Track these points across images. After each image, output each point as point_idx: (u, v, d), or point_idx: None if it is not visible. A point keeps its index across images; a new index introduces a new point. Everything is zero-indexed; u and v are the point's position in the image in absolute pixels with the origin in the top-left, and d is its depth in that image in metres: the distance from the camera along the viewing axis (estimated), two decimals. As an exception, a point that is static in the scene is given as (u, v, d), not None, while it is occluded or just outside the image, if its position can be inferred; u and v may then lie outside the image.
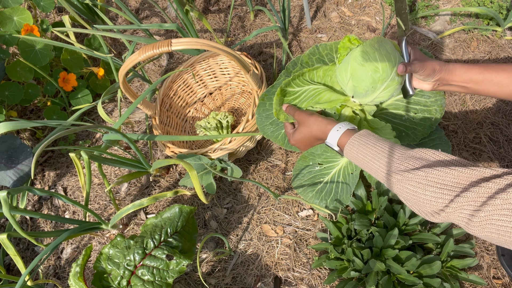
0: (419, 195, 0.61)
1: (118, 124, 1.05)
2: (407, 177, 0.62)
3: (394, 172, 0.65)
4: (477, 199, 0.54)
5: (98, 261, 0.99)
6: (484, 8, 1.35)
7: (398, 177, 0.64)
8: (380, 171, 0.68)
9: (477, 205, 0.54)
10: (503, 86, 0.73)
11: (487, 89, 0.75)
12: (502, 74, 0.72)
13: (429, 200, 0.59)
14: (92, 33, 1.17)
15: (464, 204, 0.55)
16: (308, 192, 1.15)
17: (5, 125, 0.81)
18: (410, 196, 0.62)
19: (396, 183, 0.65)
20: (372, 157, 0.70)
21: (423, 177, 0.60)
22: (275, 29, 1.34)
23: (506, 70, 0.72)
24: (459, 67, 0.77)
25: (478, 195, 0.54)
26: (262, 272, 1.14)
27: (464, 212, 0.55)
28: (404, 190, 0.63)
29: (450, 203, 0.57)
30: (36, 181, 1.41)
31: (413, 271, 0.96)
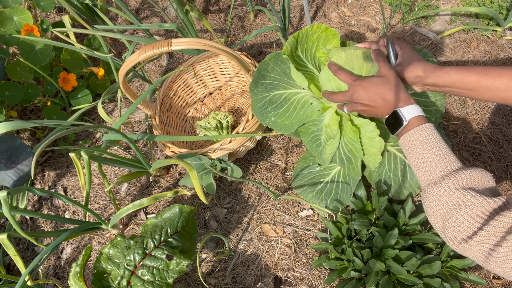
0: (450, 216, 0.60)
1: (118, 124, 1.05)
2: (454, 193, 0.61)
3: (446, 181, 0.63)
4: (498, 234, 0.54)
5: (98, 261, 0.99)
6: (484, 8, 1.35)
7: (446, 188, 0.62)
8: (432, 172, 0.66)
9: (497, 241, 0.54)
10: (499, 92, 0.71)
11: (482, 95, 0.73)
12: (499, 80, 0.70)
13: (458, 225, 0.59)
14: (92, 33, 1.17)
15: (485, 238, 0.55)
16: (308, 192, 1.15)
17: (5, 125, 0.81)
18: (443, 211, 0.62)
19: (438, 193, 0.63)
20: (433, 155, 0.67)
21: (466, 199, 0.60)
22: (275, 29, 1.34)
23: (503, 76, 0.70)
24: (454, 74, 0.74)
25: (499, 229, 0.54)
26: (262, 272, 1.14)
27: (485, 247, 0.55)
28: (439, 203, 0.62)
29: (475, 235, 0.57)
30: (36, 181, 1.41)
31: (413, 271, 0.96)
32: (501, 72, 0.70)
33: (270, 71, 1.09)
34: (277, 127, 1.06)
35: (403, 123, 0.72)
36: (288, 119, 1.05)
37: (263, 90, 1.08)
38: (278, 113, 1.05)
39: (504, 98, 0.71)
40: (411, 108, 0.73)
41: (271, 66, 1.09)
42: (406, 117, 0.72)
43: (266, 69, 1.09)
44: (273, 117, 1.06)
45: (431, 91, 0.82)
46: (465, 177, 0.62)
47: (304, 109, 1.04)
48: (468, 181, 0.62)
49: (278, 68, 1.10)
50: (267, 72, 1.09)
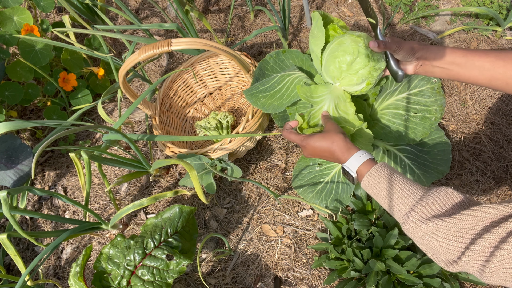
0: (434, 245, 0.61)
1: (118, 124, 1.05)
2: (421, 227, 0.62)
3: (410, 218, 0.65)
4: (487, 248, 0.55)
5: (98, 261, 0.99)
6: (484, 8, 1.35)
7: (412, 224, 0.64)
8: (398, 211, 0.68)
9: (487, 254, 0.54)
10: (484, 70, 0.73)
11: (468, 73, 0.75)
12: (485, 58, 0.72)
13: (443, 251, 0.60)
14: (92, 33, 1.17)
15: (476, 254, 0.56)
16: (309, 192, 1.15)
17: (5, 125, 0.81)
18: (425, 243, 0.63)
19: (410, 229, 0.65)
20: (391, 195, 0.70)
21: (434, 228, 0.61)
22: (275, 29, 1.34)
23: (489, 55, 0.72)
24: (442, 48, 0.77)
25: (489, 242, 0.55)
26: (262, 272, 1.14)
27: (477, 262, 0.56)
28: (418, 237, 0.64)
29: (463, 254, 0.57)
30: (36, 181, 1.41)
31: (413, 271, 0.96)
32: (487, 51, 0.73)
33: (270, 70, 1.10)
34: (266, 108, 1.06)
35: (353, 176, 0.78)
36: (279, 99, 1.05)
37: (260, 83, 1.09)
38: (269, 94, 1.06)
39: (490, 77, 0.73)
40: (354, 159, 0.78)
41: (271, 65, 1.09)
42: (352, 170, 0.78)
43: (266, 67, 1.10)
44: (263, 98, 1.06)
45: (423, 73, 0.83)
46: (424, 207, 0.64)
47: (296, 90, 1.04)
48: (429, 209, 0.63)
49: (277, 67, 1.10)
50: (267, 71, 1.10)
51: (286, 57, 1.13)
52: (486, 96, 1.30)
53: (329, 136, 0.83)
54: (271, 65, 1.10)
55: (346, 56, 0.84)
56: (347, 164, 0.79)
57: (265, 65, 1.11)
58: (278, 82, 1.06)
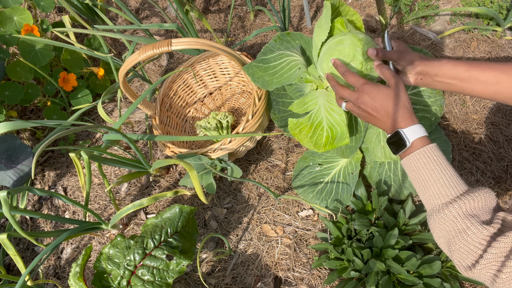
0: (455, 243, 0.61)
1: (118, 124, 1.05)
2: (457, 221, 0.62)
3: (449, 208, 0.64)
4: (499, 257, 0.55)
5: (98, 261, 0.99)
6: (484, 8, 1.35)
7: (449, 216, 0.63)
8: (437, 197, 0.66)
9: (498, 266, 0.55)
10: (488, 85, 0.71)
11: (471, 87, 0.73)
12: (488, 73, 0.71)
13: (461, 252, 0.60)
14: (92, 33, 1.17)
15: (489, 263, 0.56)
16: (309, 192, 1.15)
17: (5, 125, 0.81)
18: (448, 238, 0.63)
19: (441, 220, 0.64)
20: (436, 179, 0.67)
21: (467, 227, 0.60)
22: (275, 29, 1.34)
23: (493, 68, 0.70)
24: (445, 63, 0.75)
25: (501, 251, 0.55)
26: (262, 272, 1.14)
27: (490, 271, 0.57)
28: (444, 230, 0.63)
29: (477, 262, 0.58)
30: (36, 181, 1.41)
31: (413, 271, 0.96)
32: (491, 65, 0.71)
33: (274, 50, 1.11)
34: (256, 79, 1.04)
35: (406, 145, 0.71)
36: (278, 77, 1.02)
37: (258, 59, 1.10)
38: (263, 67, 1.06)
39: (495, 92, 0.71)
40: (414, 129, 0.71)
41: (277, 47, 1.11)
42: (409, 139, 0.71)
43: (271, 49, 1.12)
44: (259, 71, 1.05)
45: (424, 86, 0.82)
46: (467, 202, 0.63)
47: (291, 72, 1.01)
48: (471, 206, 0.63)
49: (282, 48, 1.11)
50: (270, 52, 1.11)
51: (292, 38, 1.13)
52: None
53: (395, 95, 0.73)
54: (277, 46, 1.12)
55: (341, 58, 0.82)
56: (406, 130, 0.71)
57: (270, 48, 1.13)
58: (276, 58, 1.05)
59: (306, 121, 0.98)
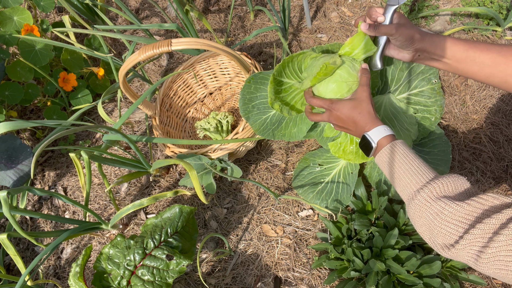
0: (435, 226, 0.61)
1: (118, 124, 1.05)
2: (430, 204, 0.63)
3: (421, 194, 0.65)
4: (484, 235, 0.55)
5: (98, 261, 0.99)
6: (484, 8, 1.35)
7: (422, 200, 0.64)
8: (409, 187, 0.68)
9: (485, 240, 0.54)
10: (484, 67, 0.71)
11: (467, 68, 0.73)
12: (486, 54, 0.70)
13: (443, 234, 0.60)
14: (92, 33, 1.17)
15: (474, 238, 0.56)
16: (309, 192, 1.15)
17: (5, 125, 0.81)
18: (427, 223, 0.63)
19: (417, 207, 0.65)
20: (405, 171, 0.70)
21: (441, 208, 0.61)
22: (275, 29, 1.34)
23: (491, 50, 0.70)
24: (443, 41, 0.74)
25: (484, 231, 0.55)
26: (262, 272, 1.14)
27: (473, 248, 0.56)
28: (422, 216, 0.64)
29: (461, 238, 0.57)
30: (36, 181, 1.41)
31: (413, 271, 0.96)
32: (489, 46, 0.71)
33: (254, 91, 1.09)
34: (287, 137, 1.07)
35: (372, 146, 0.77)
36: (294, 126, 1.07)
37: (257, 113, 1.08)
38: (282, 126, 1.07)
39: (489, 74, 0.71)
40: (378, 130, 0.77)
41: (254, 87, 1.08)
42: (374, 140, 0.76)
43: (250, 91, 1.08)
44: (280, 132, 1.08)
45: (419, 62, 0.81)
46: (437, 186, 0.64)
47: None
48: (441, 189, 0.63)
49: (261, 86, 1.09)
50: (253, 94, 1.08)
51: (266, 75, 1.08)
52: (486, 96, 1.30)
53: (358, 105, 0.80)
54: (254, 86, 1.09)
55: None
56: (370, 133, 0.77)
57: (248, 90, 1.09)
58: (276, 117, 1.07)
59: (344, 138, 1.01)
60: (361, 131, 0.79)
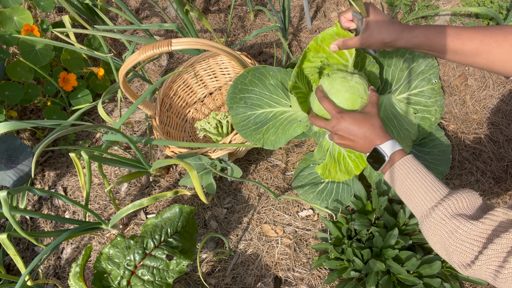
0: (450, 245, 0.61)
1: (118, 125, 1.05)
2: (446, 222, 0.62)
3: (435, 211, 0.64)
4: (500, 254, 0.55)
5: (98, 261, 0.99)
6: (484, 8, 1.35)
7: (437, 218, 0.64)
8: (423, 203, 0.68)
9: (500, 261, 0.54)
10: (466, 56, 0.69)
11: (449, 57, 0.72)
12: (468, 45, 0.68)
13: (458, 252, 0.60)
14: (92, 33, 1.17)
15: (488, 260, 0.56)
16: (310, 193, 1.15)
17: (5, 125, 0.81)
18: (442, 241, 0.63)
19: (432, 224, 0.65)
20: (419, 187, 0.69)
21: (457, 227, 0.60)
22: (275, 29, 1.34)
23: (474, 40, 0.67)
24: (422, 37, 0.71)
25: (500, 251, 0.55)
26: (262, 272, 1.14)
27: (490, 267, 0.56)
28: (437, 234, 0.64)
29: (476, 259, 0.57)
30: (36, 181, 1.41)
31: (413, 271, 0.96)
32: (472, 35, 0.68)
33: (248, 84, 1.05)
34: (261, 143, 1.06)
35: (385, 159, 0.75)
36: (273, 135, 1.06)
37: (243, 107, 1.06)
38: (262, 130, 1.06)
39: (471, 62, 0.70)
40: (390, 144, 0.76)
41: (249, 79, 1.04)
42: (387, 153, 0.75)
43: (244, 82, 1.04)
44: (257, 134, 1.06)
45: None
46: (452, 203, 0.63)
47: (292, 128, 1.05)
48: (456, 206, 0.63)
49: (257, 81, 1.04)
50: (246, 86, 1.04)
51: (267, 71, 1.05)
52: (486, 96, 1.30)
53: (370, 118, 0.79)
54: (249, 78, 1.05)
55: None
56: (383, 146, 0.76)
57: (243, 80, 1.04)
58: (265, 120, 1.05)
59: (329, 159, 1.02)
60: (372, 144, 0.78)
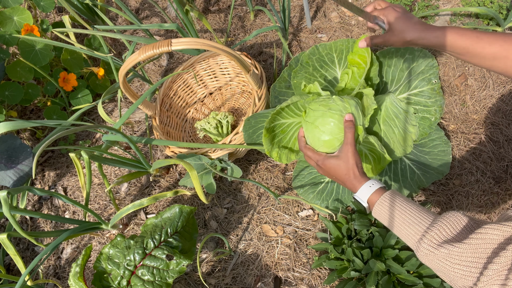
0: (448, 271, 0.62)
1: (118, 125, 1.05)
2: (434, 253, 0.63)
3: (422, 245, 0.65)
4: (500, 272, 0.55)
5: (98, 261, 0.99)
6: (484, 8, 1.35)
7: (426, 251, 0.65)
8: (410, 238, 0.69)
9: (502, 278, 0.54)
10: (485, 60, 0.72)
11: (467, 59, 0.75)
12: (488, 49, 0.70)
13: (458, 277, 0.60)
14: (92, 33, 1.17)
15: (490, 278, 0.56)
16: (310, 193, 1.15)
17: (5, 125, 0.81)
18: (441, 269, 0.63)
19: (424, 256, 0.65)
20: (402, 222, 0.71)
21: (447, 254, 0.61)
22: (275, 29, 1.34)
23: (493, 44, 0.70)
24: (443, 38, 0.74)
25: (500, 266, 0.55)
26: (262, 272, 1.14)
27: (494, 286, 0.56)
28: (433, 263, 0.64)
29: (478, 281, 0.58)
30: (36, 181, 1.41)
31: (413, 271, 0.96)
32: (492, 40, 0.70)
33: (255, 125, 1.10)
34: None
35: (364, 206, 0.79)
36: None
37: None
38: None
39: (490, 65, 0.72)
40: (364, 189, 0.79)
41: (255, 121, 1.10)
42: (363, 200, 0.78)
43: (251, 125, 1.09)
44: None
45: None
46: (435, 234, 0.64)
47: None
48: (440, 235, 0.64)
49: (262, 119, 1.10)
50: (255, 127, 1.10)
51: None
52: (486, 96, 1.30)
53: (344, 164, 0.83)
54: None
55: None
56: (357, 194, 0.80)
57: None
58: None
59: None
60: (350, 189, 0.83)
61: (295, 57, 1.13)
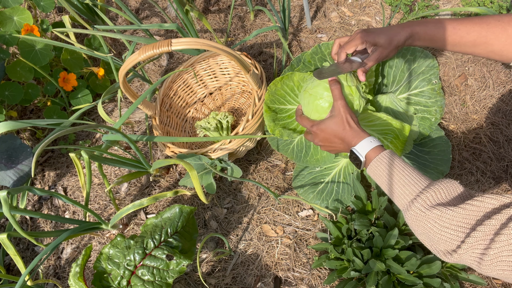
0: (434, 234, 0.61)
1: (118, 124, 1.05)
2: (425, 213, 0.62)
3: (415, 204, 0.65)
4: (485, 237, 0.54)
5: (98, 261, 0.99)
6: (484, 8, 1.35)
7: (417, 211, 0.64)
8: (403, 198, 0.68)
9: (487, 242, 0.54)
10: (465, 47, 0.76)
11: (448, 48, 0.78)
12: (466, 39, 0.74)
13: (443, 240, 0.60)
14: (92, 33, 1.17)
15: (476, 241, 0.56)
16: (309, 193, 1.15)
17: (5, 125, 0.81)
18: (426, 232, 0.63)
19: (413, 216, 0.65)
20: (397, 181, 0.70)
21: (438, 216, 0.61)
22: (275, 29, 1.34)
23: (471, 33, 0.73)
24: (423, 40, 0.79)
25: (485, 233, 0.54)
26: (262, 272, 1.14)
27: (476, 251, 0.56)
28: (420, 225, 0.64)
29: (462, 243, 0.57)
30: (36, 181, 1.41)
31: (413, 271, 0.96)
32: (469, 29, 0.73)
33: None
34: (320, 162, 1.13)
35: (361, 160, 0.78)
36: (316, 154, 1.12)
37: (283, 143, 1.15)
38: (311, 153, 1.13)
39: (471, 52, 0.75)
40: (364, 143, 0.78)
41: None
42: (361, 154, 0.77)
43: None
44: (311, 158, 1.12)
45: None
46: (430, 195, 0.64)
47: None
48: (435, 197, 0.63)
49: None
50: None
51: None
52: (486, 96, 1.30)
53: (337, 118, 0.82)
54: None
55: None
56: (357, 147, 0.78)
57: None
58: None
59: None
60: (349, 145, 0.81)
61: (297, 57, 1.13)
